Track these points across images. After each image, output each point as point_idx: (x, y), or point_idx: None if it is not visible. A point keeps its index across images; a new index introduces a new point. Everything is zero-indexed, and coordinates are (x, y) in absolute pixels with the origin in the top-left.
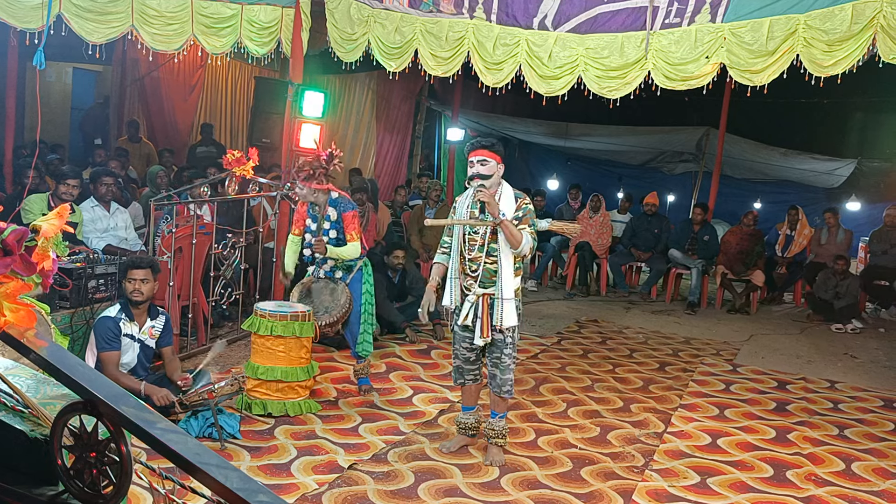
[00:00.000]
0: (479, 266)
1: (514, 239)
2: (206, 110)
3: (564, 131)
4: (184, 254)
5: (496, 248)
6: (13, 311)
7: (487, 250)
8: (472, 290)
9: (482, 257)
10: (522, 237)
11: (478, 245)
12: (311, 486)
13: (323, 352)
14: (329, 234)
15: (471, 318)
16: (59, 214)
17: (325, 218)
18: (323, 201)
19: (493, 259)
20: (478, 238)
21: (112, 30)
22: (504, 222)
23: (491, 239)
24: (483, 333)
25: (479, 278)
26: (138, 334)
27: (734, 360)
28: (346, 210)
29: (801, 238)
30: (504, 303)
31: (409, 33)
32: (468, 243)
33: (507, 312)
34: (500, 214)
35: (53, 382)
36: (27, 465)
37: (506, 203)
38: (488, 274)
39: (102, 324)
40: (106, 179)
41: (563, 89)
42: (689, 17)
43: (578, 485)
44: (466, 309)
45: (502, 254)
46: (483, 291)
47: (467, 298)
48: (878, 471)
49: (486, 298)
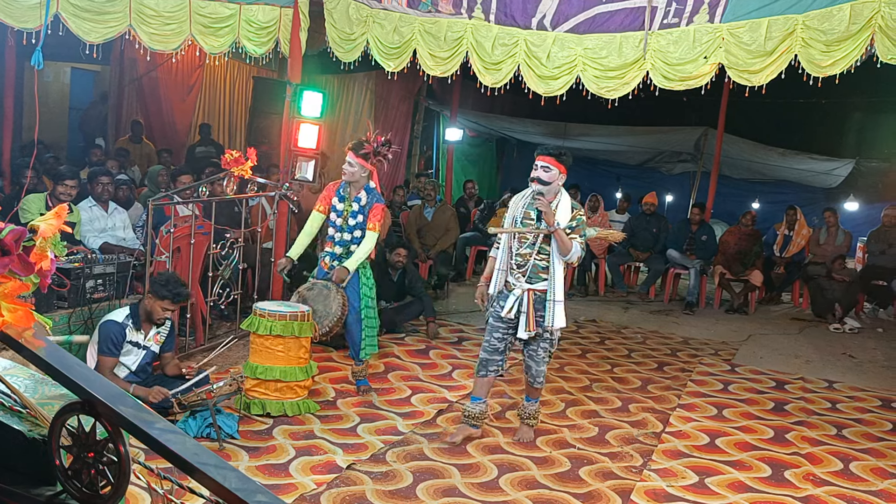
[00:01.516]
0: (528, 263)
1: (565, 247)
2: (205, 110)
3: (563, 131)
4: (182, 254)
5: (547, 249)
6: (11, 311)
7: (538, 248)
8: (519, 284)
9: (532, 254)
10: (573, 246)
11: (528, 242)
12: (309, 486)
13: (322, 352)
14: (357, 217)
15: (514, 312)
16: (57, 214)
17: (354, 199)
18: (361, 184)
19: (542, 257)
20: (529, 237)
21: (110, 29)
22: (557, 231)
23: (543, 240)
24: (529, 327)
25: (527, 273)
26: (143, 342)
27: (732, 360)
28: (378, 201)
29: (800, 238)
30: (556, 305)
31: (407, 33)
32: (518, 239)
33: (559, 314)
34: (555, 224)
35: (51, 382)
36: (25, 465)
37: (562, 212)
38: (536, 270)
39: (109, 328)
40: (103, 179)
41: (562, 89)
42: (688, 17)
43: (577, 485)
44: (511, 303)
45: (554, 258)
46: (529, 287)
47: (512, 293)
48: (876, 470)
49: (531, 294)
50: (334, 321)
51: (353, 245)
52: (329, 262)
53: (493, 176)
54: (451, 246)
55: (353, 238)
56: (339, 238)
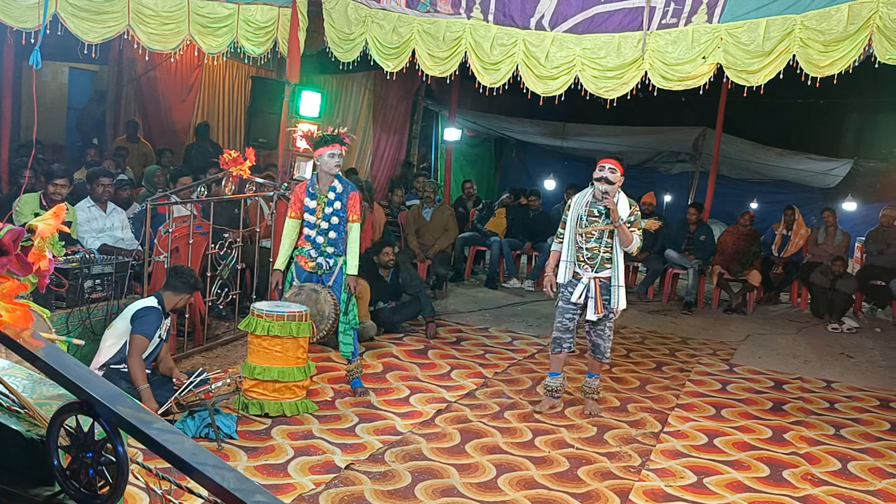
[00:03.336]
0: (597, 255)
1: (628, 239)
2: (204, 110)
3: (561, 131)
4: (180, 254)
5: (611, 241)
6: (9, 311)
7: (604, 243)
8: (586, 273)
9: (599, 248)
10: (633, 238)
11: (595, 237)
12: (307, 486)
13: (320, 352)
14: (333, 204)
15: (582, 298)
16: (55, 214)
17: (329, 189)
18: (333, 174)
19: (607, 249)
20: (595, 233)
21: (108, 29)
22: (622, 226)
23: (608, 235)
24: (597, 310)
25: (595, 265)
26: (162, 331)
27: (731, 360)
28: (353, 189)
29: (798, 238)
30: (619, 290)
31: (406, 33)
32: (584, 235)
33: (622, 297)
34: (619, 219)
35: (50, 383)
36: (23, 465)
37: (622, 208)
38: (602, 261)
39: (151, 312)
40: (103, 180)
41: (560, 89)
42: (686, 17)
43: (575, 485)
44: (580, 290)
45: (617, 248)
46: (595, 276)
47: (581, 281)
48: (875, 470)
49: (597, 281)
50: (330, 324)
51: (332, 232)
52: (314, 256)
53: (492, 176)
54: (449, 246)
55: (330, 225)
56: (314, 234)
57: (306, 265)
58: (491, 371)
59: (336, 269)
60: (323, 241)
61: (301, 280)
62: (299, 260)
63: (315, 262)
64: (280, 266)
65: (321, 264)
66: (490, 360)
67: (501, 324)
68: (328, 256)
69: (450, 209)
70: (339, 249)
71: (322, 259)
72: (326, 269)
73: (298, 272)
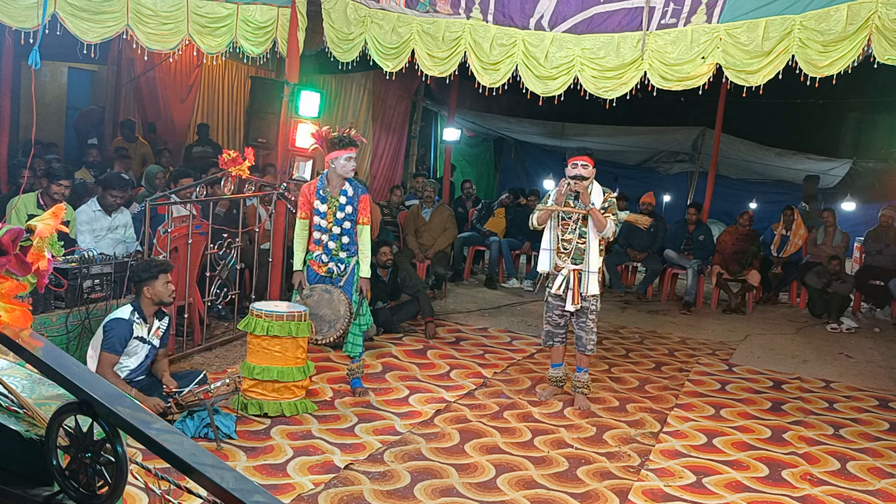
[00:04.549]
0: (572, 246)
1: (601, 224)
2: (203, 110)
3: (561, 131)
4: (179, 254)
5: (586, 231)
6: (8, 311)
7: (579, 233)
8: (566, 265)
9: (574, 238)
10: (607, 223)
11: (570, 228)
12: (307, 486)
13: (319, 352)
14: (345, 209)
15: (562, 289)
16: (54, 214)
17: (341, 193)
18: (344, 176)
19: (583, 240)
20: (570, 223)
21: (107, 29)
22: (592, 210)
23: (582, 224)
24: (574, 301)
25: (571, 255)
26: (148, 336)
27: (730, 360)
28: (364, 192)
29: (797, 238)
30: (590, 275)
31: (405, 33)
32: (562, 226)
33: (592, 283)
34: (590, 203)
35: (49, 383)
36: (22, 465)
37: (595, 196)
38: (579, 252)
39: (117, 325)
40: (114, 192)
41: (560, 89)
42: (685, 17)
43: (574, 484)
44: (559, 281)
45: (591, 235)
46: (574, 267)
47: (560, 273)
48: (874, 470)
49: (576, 273)
50: (346, 323)
51: (345, 237)
52: (326, 261)
53: (491, 176)
54: (448, 246)
55: (343, 231)
56: (326, 239)
57: (319, 270)
58: (490, 371)
59: (349, 271)
60: (335, 246)
61: (312, 283)
62: (311, 265)
63: (326, 266)
64: (299, 265)
65: (332, 270)
66: (489, 360)
67: (501, 324)
68: (340, 261)
69: (449, 209)
70: (351, 252)
71: (333, 264)
72: (338, 273)
73: (310, 276)
